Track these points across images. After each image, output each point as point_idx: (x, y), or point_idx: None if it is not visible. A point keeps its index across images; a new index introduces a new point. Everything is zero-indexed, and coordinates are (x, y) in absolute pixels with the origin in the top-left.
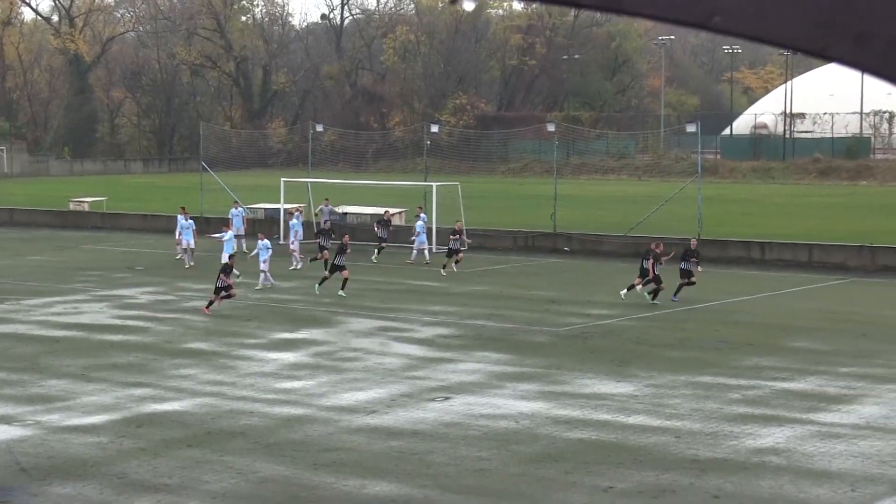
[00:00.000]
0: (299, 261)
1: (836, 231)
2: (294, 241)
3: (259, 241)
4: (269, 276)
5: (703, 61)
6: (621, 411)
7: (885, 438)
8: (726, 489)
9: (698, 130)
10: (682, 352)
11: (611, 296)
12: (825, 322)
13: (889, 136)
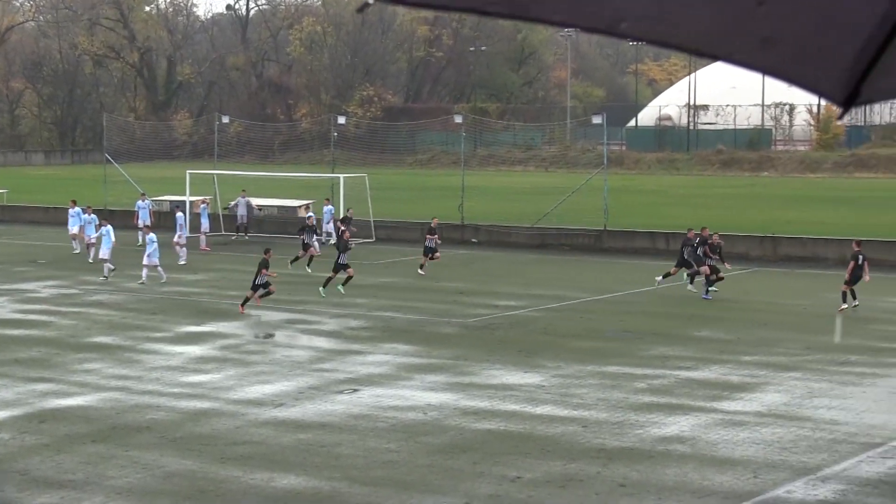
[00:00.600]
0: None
1: (739, 221)
2: (181, 236)
3: (146, 236)
4: (161, 271)
5: (609, 53)
6: (529, 402)
7: (786, 426)
8: (632, 477)
9: (604, 122)
10: (588, 342)
11: (518, 286)
12: (728, 311)
13: (790, 128)
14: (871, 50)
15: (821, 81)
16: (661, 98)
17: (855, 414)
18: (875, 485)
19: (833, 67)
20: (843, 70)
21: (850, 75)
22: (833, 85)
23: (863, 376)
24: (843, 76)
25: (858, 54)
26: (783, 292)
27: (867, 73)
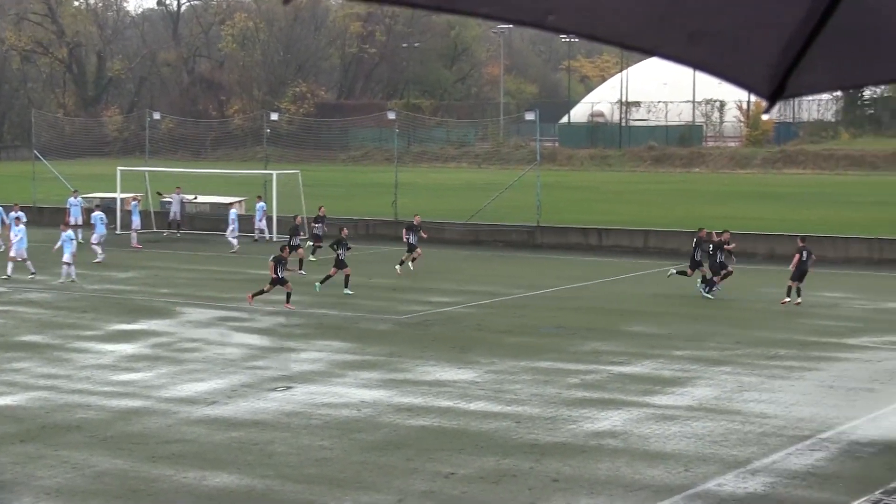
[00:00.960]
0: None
1: (671, 217)
2: (97, 236)
3: (62, 233)
4: (72, 270)
5: (542, 50)
6: (462, 398)
7: (716, 419)
8: (565, 472)
9: (537, 118)
10: (521, 338)
11: (452, 283)
12: (660, 306)
13: (720, 124)
14: (797, 45)
15: (747, 76)
16: (593, 95)
17: (784, 407)
18: (803, 477)
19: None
20: (769, 65)
21: (775, 70)
22: (759, 79)
23: (791, 370)
24: (769, 71)
25: (784, 49)
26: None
27: (793, 69)
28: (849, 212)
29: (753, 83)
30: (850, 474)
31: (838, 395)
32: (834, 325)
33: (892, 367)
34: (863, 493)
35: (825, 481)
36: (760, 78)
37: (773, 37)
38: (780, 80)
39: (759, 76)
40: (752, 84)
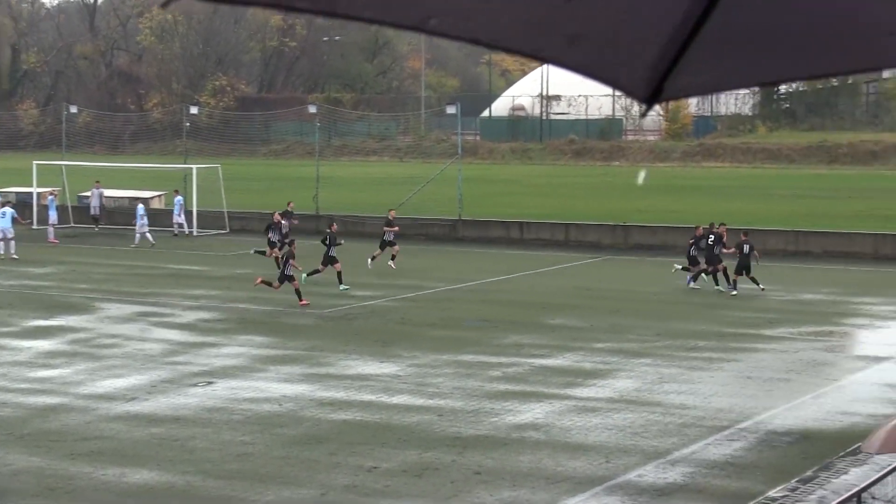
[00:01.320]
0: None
1: (591, 210)
2: (5, 230)
3: None
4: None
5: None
6: (385, 391)
7: (637, 411)
8: (487, 465)
9: (458, 112)
10: (444, 331)
11: (373, 277)
12: (581, 299)
13: (640, 118)
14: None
15: (625, 78)
16: (514, 88)
17: (703, 398)
18: (722, 467)
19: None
20: (646, 68)
21: (653, 73)
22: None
23: (710, 361)
24: (646, 74)
25: (661, 52)
26: (634, 280)
27: (670, 71)
28: (766, 204)
29: (631, 86)
30: (768, 463)
31: (756, 385)
32: (752, 316)
33: (809, 357)
34: (780, 481)
35: (743, 471)
36: (638, 81)
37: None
38: (657, 83)
39: (637, 79)
40: (630, 87)
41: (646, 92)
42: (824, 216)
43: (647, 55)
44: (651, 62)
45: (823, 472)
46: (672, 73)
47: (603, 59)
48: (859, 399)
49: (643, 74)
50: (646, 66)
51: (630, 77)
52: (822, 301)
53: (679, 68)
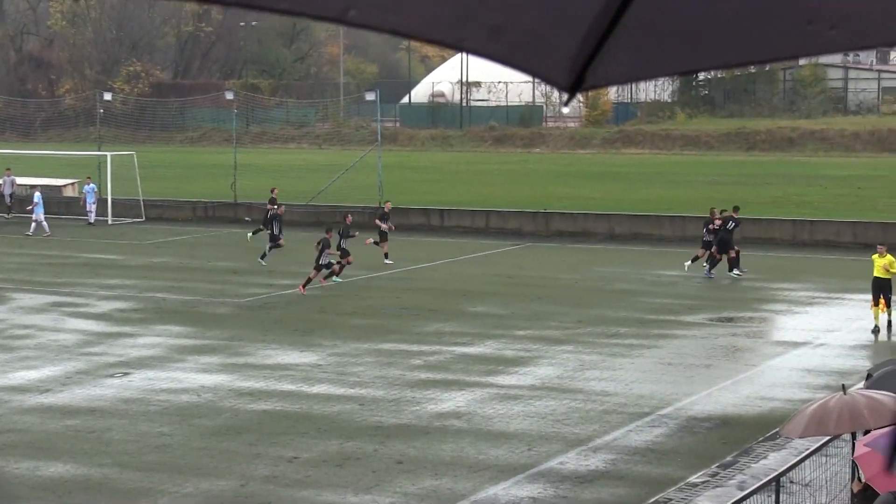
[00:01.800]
0: None
1: (512, 198)
2: None
3: None
4: None
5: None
6: (305, 381)
7: (558, 398)
8: (409, 454)
9: (377, 99)
10: (365, 319)
11: (294, 265)
12: (502, 287)
13: (560, 104)
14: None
15: (547, 68)
16: (434, 75)
17: (624, 385)
18: (643, 453)
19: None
20: (568, 57)
21: (574, 62)
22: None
23: (631, 348)
24: (568, 63)
25: (582, 41)
26: (555, 267)
27: (591, 60)
28: (685, 191)
29: (554, 76)
30: (688, 449)
31: (677, 371)
32: (672, 303)
33: (728, 343)
34: (700, 467)
35: (664, 457)
36: (560, 70)
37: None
38: (579, 72)
39: (559, 68)
40: (553, 77)
41: (568, 81)
42: (743, 203)
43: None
44: (573, 52)
45: (743, 458)
46: (594, 62)
47: (525, 49)
48: (778, 384)
49: (565, 64)
50: (568, 56)
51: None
52: (741, 287)
53: (601, 57)
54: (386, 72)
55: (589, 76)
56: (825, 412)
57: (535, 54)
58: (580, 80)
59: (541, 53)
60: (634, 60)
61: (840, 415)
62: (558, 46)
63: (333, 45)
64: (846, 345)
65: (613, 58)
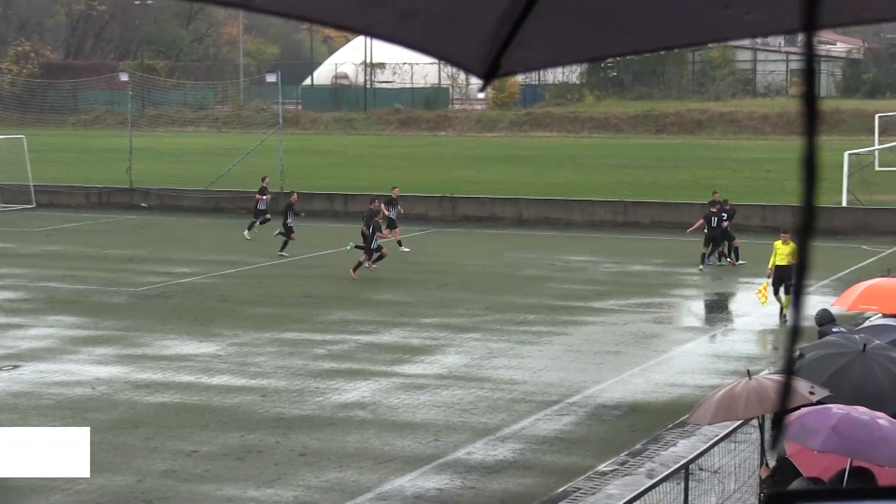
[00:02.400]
0: None
1: (418, 182)
2: None
3: None
4: None
5: None
6: (205, 372)
7: (466, 387)
8: (313, 446)
9: (279, 80)
10: (266, 308)
11: (193, 252)
12: (408, 273)
13: (466, 86)
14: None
15: (461, 55)
16: (337, 56)
17: (532, 373)
18: (552, 442)
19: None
20: (482, 43)
21: (489, 48)
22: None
23: (540, 335)
24: (482, 49)
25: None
26: (463, 253)
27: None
28: (594, 175)
29: (468, 62)
30: (597, 437)
31: (585, 358)
32: (581, 288)
33: (637, 329)
34: (609, 455)
35: (573, 445)
36: (474, 57)
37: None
38: (494, 59)
39: (474, 55)
40: (467, 63)
41: (483, 68)
42: (652, 186)
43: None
44: (487, 37)
45: (652, 445)
46: (509, 48)
47: (437, 34)
48: (687, 370)
49: (479, 50)
50: (482, 42)
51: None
52: (650, 272)
53: (516, 43)
54: (287, 53)
55: (504, 62)
56: (733, 397)
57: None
58: (495, 67)
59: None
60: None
61: (748, 399)
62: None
63: (233, 26)
64: (755, 330)
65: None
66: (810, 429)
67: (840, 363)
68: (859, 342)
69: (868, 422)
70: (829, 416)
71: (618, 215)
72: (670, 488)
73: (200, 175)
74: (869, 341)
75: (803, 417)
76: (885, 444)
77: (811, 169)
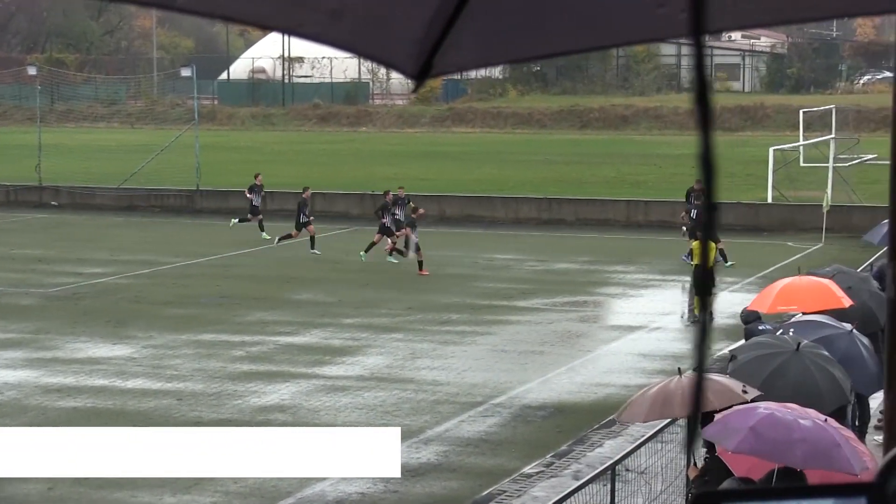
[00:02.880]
0: None
1: (338, 179)
2: None
3: None
4: None
5: None
6: (119, 375)
7: (388, 389)
8: None
9: (194, 75)
10: (182, 309)
11: (105, 252)
12: (329, 273)
13: (387, 81)
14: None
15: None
16: (254, 49)
17: (456, 373)
18: (476, 444)
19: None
20: (413, 43)
21: (421, 48)
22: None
23: (464, 335)
24: (414, 49)
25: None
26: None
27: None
28: (518, 171)
29: (399, 62)
30: (523, 439)
31: (510, 358)
32: (505, 287)
33: (563, 328)
34: (535, 457)
35: (498, 447)
36: (406, 56)
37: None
38: (426, 59)
39: (405, 55)
40: (399, 63)
41: (415, 68)
42: (577, 183)
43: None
44: (418, 37)
45: (578, 446)
46: (441, 48)
47: (368, 34)
48: (613, 370)
49: (411, 50)
50: (414, 41)
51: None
52: (575, 270)
53: (448, 43)
54: (202, 46)
55: (437, 62)
56: (667, 394)
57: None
58: (428, 67)
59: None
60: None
61: (684, 396)
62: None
63: (145, 18)
64: (681, 328)
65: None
66: (731, 429)
67: (775, 364)
68: (791, 342)
69: (790, 422)
70: (751, 416)
71: (542, 212)
72: (597, 490)
73: (113, 172)
74: (801, 340)
75: (728, 417)
76: (802, 445)
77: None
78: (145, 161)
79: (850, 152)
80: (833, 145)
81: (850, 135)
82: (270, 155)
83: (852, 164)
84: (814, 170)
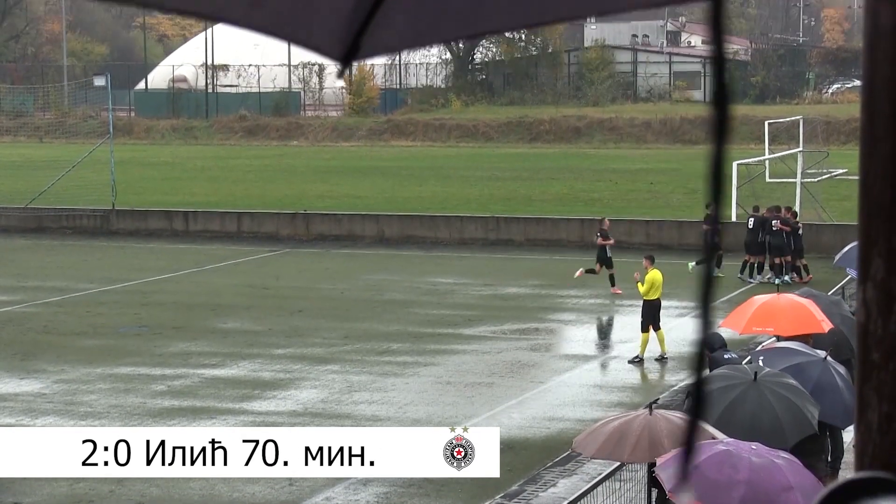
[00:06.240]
0: None
1: (267, 197)
2: None
3: None
4: None
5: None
6: (27, 413)
7: (323, 425)
8: (152, 494)
9: (108, 84)
10: (97, 340)
11: (11, 278)
12: (258, 299)
13: (320, 91)
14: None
15: (317, 38)
16: (174, 56)
17: (398, 408)
18: (420, 485)
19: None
20: (339, 23)
21: (347, 29)
22: (330, 41)
23: (405, 366)
24: (340, 30)
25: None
26: (318, 275)
27: (366, 27)
28: (462, 188)
29: (324, 46)
30: (470, 479)
31: (456, 391)
32: (450, 314)
33: (512, 358)
34: (483, 498)
35: (443, 488)
36: (332, 38)
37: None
38: (352, 40)
39: (331, 37)
40: (324, 46)
41: (341, 51)
42: (526, 200)
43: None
44: (345, 17)
45: (530, 486)
46: (369, 27)
47: (290, 16)
48: (567, 403)
49: (337, 31)
50: (339, 22)
51: (322, 35)
52: (525, 295)
53: (376, 22)
54: (118, 53)
55: (364, 44)
56: (623, 434)
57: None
58: (354, 49)
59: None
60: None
61: (639, 440)
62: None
63: (54, 22)
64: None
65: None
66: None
67: (732, 396)
68: (749, 371)
69: (739, 461)
70: (702, 454)
71: (489, 232)
72: None
73: (19, 191)
74: (759, 369)
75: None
76: (741, 488)
77: (718, 185)
78: (55, 178)
79: (819, 166)
80: (801, 159)
81: (819, 148)
82: (192, 171)
83: (821, 179)
84: (781, 185)
